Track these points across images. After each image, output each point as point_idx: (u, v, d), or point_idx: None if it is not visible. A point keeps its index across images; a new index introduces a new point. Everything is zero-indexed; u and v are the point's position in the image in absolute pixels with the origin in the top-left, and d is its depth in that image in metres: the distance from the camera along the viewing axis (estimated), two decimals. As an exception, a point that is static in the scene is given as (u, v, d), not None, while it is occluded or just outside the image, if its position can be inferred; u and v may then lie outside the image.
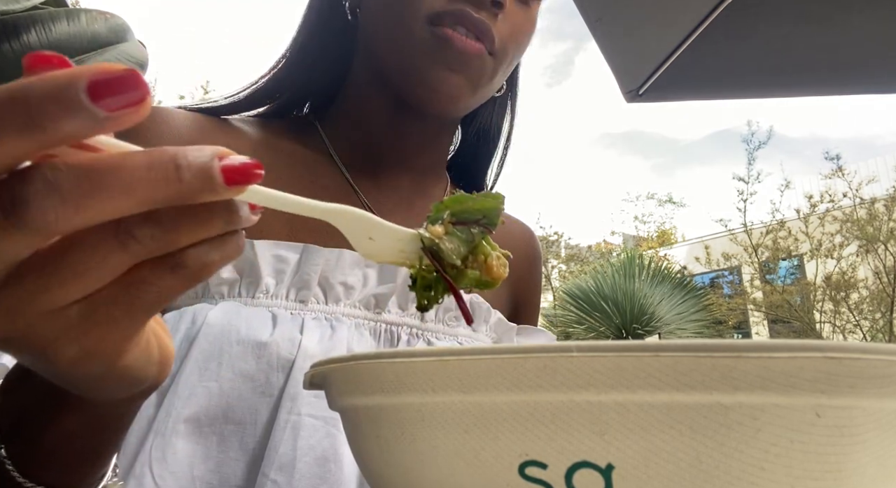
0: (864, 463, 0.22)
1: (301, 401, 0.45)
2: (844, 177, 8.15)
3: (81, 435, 0.29)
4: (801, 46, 1.66)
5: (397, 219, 0.59)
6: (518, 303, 0.70)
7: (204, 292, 0.48)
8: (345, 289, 0.51)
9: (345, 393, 0.30)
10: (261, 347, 0.46)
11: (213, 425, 0.44)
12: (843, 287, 7.72)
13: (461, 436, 0.24)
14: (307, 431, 0.44)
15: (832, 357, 0.20)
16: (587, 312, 8.34)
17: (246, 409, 0.45)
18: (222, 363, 0.45)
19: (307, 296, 0.50)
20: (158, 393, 0.44)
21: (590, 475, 0.22)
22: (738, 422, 0.21)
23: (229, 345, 0.45)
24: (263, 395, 0.45)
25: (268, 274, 0.49)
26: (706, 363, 0.21)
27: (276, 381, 0.46)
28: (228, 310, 0.47)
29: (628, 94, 1.78)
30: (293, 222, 0.53)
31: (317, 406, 0.45)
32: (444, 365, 0.24)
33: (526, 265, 0.71)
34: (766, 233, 8.68)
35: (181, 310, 0.47)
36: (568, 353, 0.22)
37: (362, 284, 0.52)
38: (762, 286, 8.66)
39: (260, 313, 0.48)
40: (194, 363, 0.44)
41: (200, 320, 0.46)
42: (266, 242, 0.49)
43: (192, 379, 0.44)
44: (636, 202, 23.56)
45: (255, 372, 0.45)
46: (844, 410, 0.21)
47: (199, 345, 0.45)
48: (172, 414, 0.43)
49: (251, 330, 0.46)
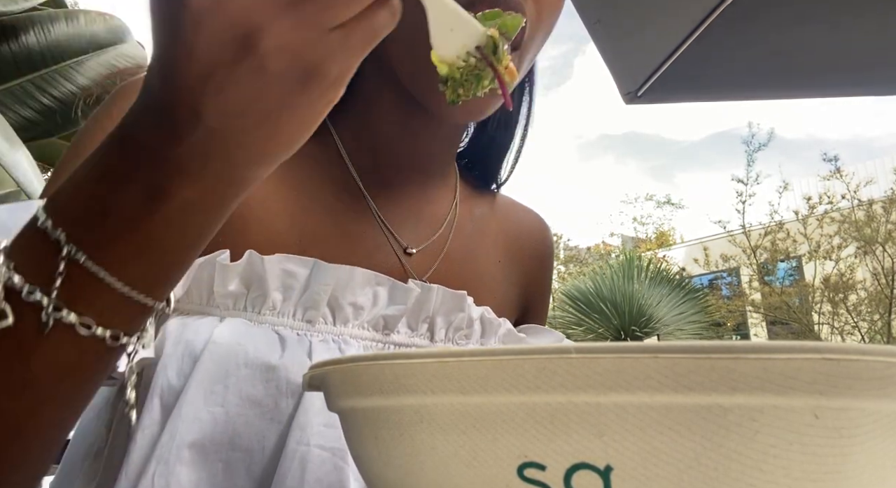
0: (863, 464, 0.22)
1: (311, 430, 0.43)
2: (843, 178, 8.17)
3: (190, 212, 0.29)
4: (799, 48, 1.66)
5: (406, 223, 0.57)
6: (528, 303, 0.69)
7: (209, 300, 0.47)
8: (354, 310, 0.50)
9: (343, 394, 0.30)
10: (269, 371, 0.44)
11: (219, 452, 0.43)
12: (842, 288, 7.73)
13: (460, 438, 0.24)
14: (315, 464, 0.43)
15: (830, 358, 0.20)
16: (586, 314, 8.34)
17: (253, 436, 0.44)
18: (229, 386, 0.43)
19: (315, 316, 0.48)
20: (162, 411, 0.43)
21: (588, 476, 0.22)
22: (737, 424, 0.21)
23: (236, 368, 0.44)
24: (272, 422, 0.44)
25: (275, 288, 0.47)
26: (705, 364, 0.21)
27: (286, 407, 0.44)
28: (235, 329, 0.45)
29: (627, 96, 1.78)
30: (303, 235, 0.51)
31: (327, 436, 0.44)
32: (443, 366, 0.24)
33: (538, 264, 0.70)
34: (765, 234, 8.69)
35: (185, 320, 0.46)
36: (566, 355, 0.22)
37: (372, 304, 0.50)
38: (761, 287, 8.67)
39: (267, 334, 0.46)
40: (199, 385, 0.43)
41: (206, 336, 0.44)
42: (275, 256, 0.48)
43: (198, 402, 0.43)
44: (635, 204, 23.58)
45: (263, 396, 0.44)
46: (843, 411, 0.21)
47: (205, 364, 0.43)
48: (176, 439, 0.42)
49: (259, 352, 0.45)
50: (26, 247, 0.29)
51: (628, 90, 1.76)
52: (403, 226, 0.57)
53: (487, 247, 0.65)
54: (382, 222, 0.56)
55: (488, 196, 0.69)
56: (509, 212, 0.70)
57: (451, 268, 0.59)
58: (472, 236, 0.63)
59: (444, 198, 0.63)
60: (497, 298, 0.63)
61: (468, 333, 0.56)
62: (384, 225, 0.56)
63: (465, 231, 0.62)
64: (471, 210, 0.65)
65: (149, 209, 0.28)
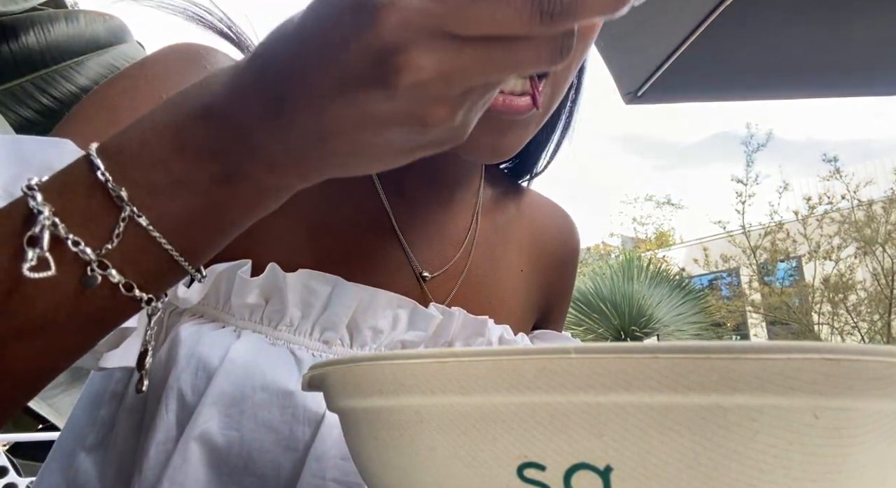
0: (863, 464, 0.22)
1: (327, 463, 0.43)
2: (842, 179, 8.17)
3: (261, 196, 0.29)
4: (799, 48, 1.66)
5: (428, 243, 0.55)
6: (550, 305, 0.67)
7: (225, 307, 0.46)
8: (373, 334, 0.48)
9: (343, 394, 0.30)
10: (286, 396, 0.43)
11: (233, 475, 0.42)
12: (842, 289, 7.74)
13: (459, 438, 0.24)
14: None
15: (830, 358, 0.20)
16: (586, 314, 8.35)
17: (268, 463, 0.43)
18: (244, 411, 0.42)
19: (333, 338, 0.47)
20: (177, 427, 0.42)
21: (588, 476, 0.22)
22: (737, 424, 0.21)
23: (252, 392, 0.43)
24: (287, 449, 0.43)
25: (294, 304, 0.46)
26: (704, 365, 0.21)
27: (302, 436, 0.43)
28: (252, 347, 0.44)
29: (627, 96, 1.78)
30: (321, 251, 0.50)
31: (343, 469, 0.43)
32: (443, 366, 0.24)
33: (562, 266, 0.67)
34: (765, 234, 8.69)
35: (199, 329, 0.45)
36: (566, 355, 0.22)
37: (391, 328, 0.49)
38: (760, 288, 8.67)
39: (283, 354, 0.45)
40: (214, 407, 0.42)
41: (221, 352, 0.43)
42: (298, 272, 0.46)
43: (212, 425, 0.42)
44: (635, 204, 23.59)
45: (279, 423, 0.43)
46: (842, 411, 0.21)
47: (220, 383, 0.42)
48: (192, 462, 0.41)
49: (276, 375, 0.44)
50: (73, 195, 0.28)
51: (628, 90, 1.76)
52: (425, 245, 0.55)
53: (511, 257, 0.62)
54: (403, 241, 0.54)
55: (515, 194, 0.67)
56: (536, 212, 0.67)
57: (472, 288, 0.57)
58: (494, 249, 0.61)
59: (467, 211, 0.60)
60: (517, 312, 0.61)
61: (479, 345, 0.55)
62: (405, 244, 0.54)
63: (488, 244, 0.60)
64: (494, 219, 0.62)
65: (224, 188, 0.28)
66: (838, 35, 1.61)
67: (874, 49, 1.64)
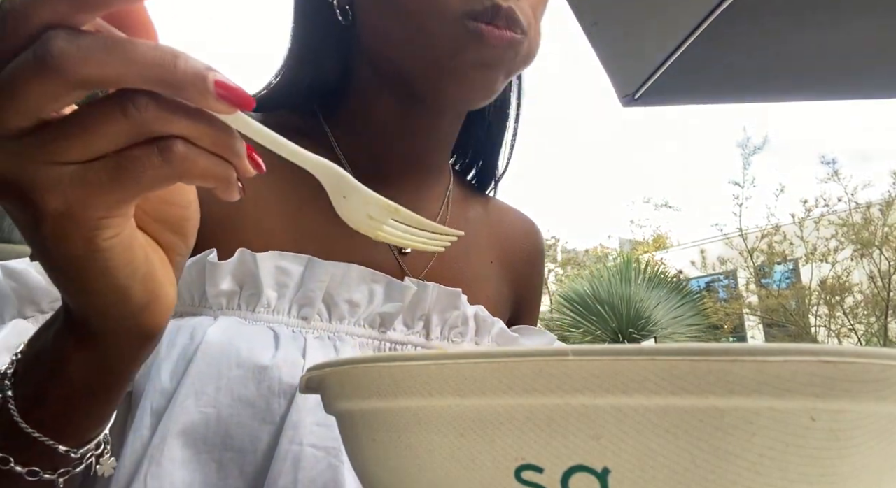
0: (860, 466, 0.22)
1: (303, 430, 0.43)
2: (840, 181, 8.20)
3: (85, 376, 0.31)
4: (797, 51, 1.67)
5: None
6: (520, 304, 0.70)
7: (201, 301, 0.47)
8: (350, 307, 0.50)
9: (340, 396, 0.30)
10: (261, 371, 0.44)
11: (212, 452, 0.43)
12: (839, 291, 7.75)
13: (457, 440, 0.24)
14: (308, 462, 0.43)
15: (827, 361, 0.20)
16: (583, 316, 8.35)
17: (246, 436, 0.43)
18: (220, 388, 0.43)
19: (310, 313, 0.48)
20: (153, 415, 0.43)
21: (586, 479, 0.22)
22: (734, 426, 0.21)
23: (228, 369, 0.43)
24: (264, 422, 0.44)
25: (269, 286, 0.47)
26: (701, 367, 0.21)
27: (278, 408, 0.44)
28: (229, 327, 0.45)
29: (624, 99, 1.79)
30: (299, 233, 0.51)
31: (319, 434, 0.44)
32: (441, 368, 0.24)
33: (529, 266, 0.70)
34: (762, 237, 8.72)
35: (179, 322, 0.46)
36: (563, 357, 0.22)
37: (368, 301, 0.51)
38: (757, 290, 8.69)
39: (261, 332, 0.46)
40: (190, 386, 0.43)
41: (199, 337, 0.44)
42: (268, 253, 0.48)
43: (189, 403, 0.42)
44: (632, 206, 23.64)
45: (256, 397, 0.44)
46: (839, 414, 0.21)
47: (197, 365, 0.43)
48: (168, 441, 0.42)
49: (252, 352, 0.44)
50: None
51: (625, 93, 1.77)
52: None
53: (480, 247, 0.65)
54: None
55: (482, 199, 0.70)
56: (502, 216, 0.71)
57: (446, 266, 0.59)
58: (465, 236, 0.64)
59: (437, 197, 0.63)
60: (490, 297, 0.64)
61: (463, 331, 0.57)
62: None
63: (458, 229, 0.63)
64: (465, 212, 0.66)
65: None
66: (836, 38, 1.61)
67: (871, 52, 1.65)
